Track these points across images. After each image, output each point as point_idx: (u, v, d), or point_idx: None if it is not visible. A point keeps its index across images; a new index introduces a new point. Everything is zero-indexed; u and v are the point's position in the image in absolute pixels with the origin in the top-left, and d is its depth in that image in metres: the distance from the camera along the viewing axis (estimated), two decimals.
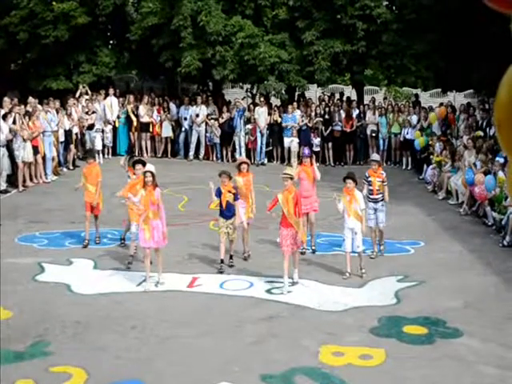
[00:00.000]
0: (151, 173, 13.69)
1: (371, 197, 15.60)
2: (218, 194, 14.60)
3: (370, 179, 15.71)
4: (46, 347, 10.79)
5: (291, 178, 13.78)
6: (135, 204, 14.03)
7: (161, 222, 13.61)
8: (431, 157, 24.54)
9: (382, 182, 15.73)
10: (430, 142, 25.52)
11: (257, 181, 15.88)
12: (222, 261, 14.74)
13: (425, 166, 25.54)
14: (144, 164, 14.76)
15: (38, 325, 11.69)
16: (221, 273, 14.59)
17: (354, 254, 14.65)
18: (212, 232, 17.17)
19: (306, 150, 17.74)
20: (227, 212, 14.69)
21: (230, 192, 14.62)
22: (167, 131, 29.52)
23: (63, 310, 12.36)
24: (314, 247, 16.16)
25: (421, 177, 25.95)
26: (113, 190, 20.81)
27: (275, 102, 32.19)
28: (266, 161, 28.96)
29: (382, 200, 15.69)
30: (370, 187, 15.65)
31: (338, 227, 16.53)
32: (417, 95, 35.04)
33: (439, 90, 36.93)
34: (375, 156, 17.34)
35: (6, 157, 21.97)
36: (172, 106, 29.86)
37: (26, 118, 23.15)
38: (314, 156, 28.16)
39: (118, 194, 15.51)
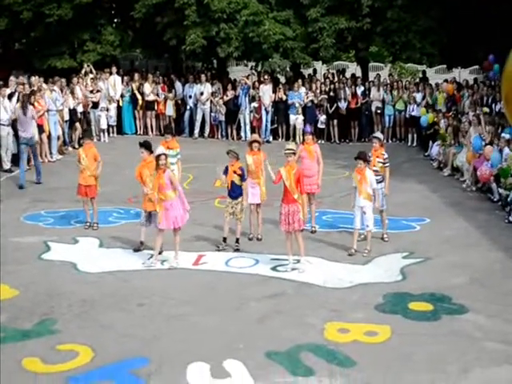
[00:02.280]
0: (165, 155, 13.67)
1: None
2: (226, 171, 14.57)
3: (371, 158, 15.21)
4: (53, 325, 10.82)
5: (294, 154, 13.72)
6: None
7: (175, 202, 13.57)
8: (439, 132, 24.45)
9: (383, 163, 15.28)
10: (436, 119, 25.46)
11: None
12: (224, 239, 14.74)
13: (430, 143, 25.50)
14: (146, 147, 14.49)
15: (44, 303, 11.72)
16: (218, 249, 14.63)
17: (363, 231, 14.72)
18: (217, 210, 17.17)
19: (308, 128, 17.63)
20: (232, 192, 14.63)
21: (235, 173, 14.55)
22: (169, 110, 29.46)
23: (69, 289, 12.38)
24: (314, 228, 16.09)
25: (426, 153, 25.91)
26: (118, 168, 20.90)
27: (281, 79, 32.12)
28: (271, 138, 28.93)
29: (381, 181, 15.24)
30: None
31: (344, 204, 16.56)
32: (424, 72, 34.88)
33: (444, 66, 36.84)
34: (378, 133, 16.84)
35: (12, 136, 21.96)
36: (177, 85, 29.80)
37: (32, 97, 23.12)
38: (319, 133, 28.76)
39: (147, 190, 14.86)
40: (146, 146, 14.49)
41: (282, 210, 13.36)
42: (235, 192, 14.62)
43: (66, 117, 25.42)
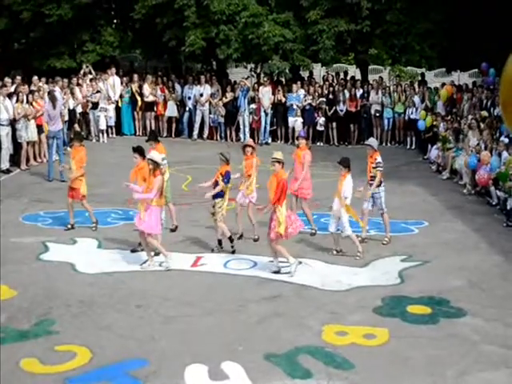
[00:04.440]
0: (152, 161, 13.60)
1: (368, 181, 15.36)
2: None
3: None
4: (51, 326, 10.82)
5: (279, 162, 13.46)
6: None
7: (154, 209, 13.56)
8: (438, 135, 24.40)
9: (375, 167, 15.22)
10: (435, 123, 25.45)
11: (261, 160, 15.89)
12: (219, 241, 14.81)
13: (429, 146, 25.50)
14: (140, 152, 14.48)
15: (42, 304, 11.72)
16: (212, 251, 14.69)
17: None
18: None
19: (302, 132, 17.56)
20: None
21: (221, 174, 14.50)
22: (172, 111, 29.45)
23: (67, 289, 12.38)
24: (313, 230, 16.08)
25: (425, 157, 25.91)
26: (116, 169, 20.87)
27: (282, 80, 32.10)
28: (270, 140, 28.90)
29: (379, 186, 15.26)
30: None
31: None
32: (423, 74, 34.88)
33: (443, 69, 36.82)
34: (370, 140, 16.61)
35: (10, 136, 21.96)
36: (176, 86, 29.78)
37: (30, 96, 23.11)
38: (318, 135, 28.76)
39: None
40: (140, 151, 14.44)
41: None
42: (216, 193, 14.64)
43: (66, 117, 25.38)
